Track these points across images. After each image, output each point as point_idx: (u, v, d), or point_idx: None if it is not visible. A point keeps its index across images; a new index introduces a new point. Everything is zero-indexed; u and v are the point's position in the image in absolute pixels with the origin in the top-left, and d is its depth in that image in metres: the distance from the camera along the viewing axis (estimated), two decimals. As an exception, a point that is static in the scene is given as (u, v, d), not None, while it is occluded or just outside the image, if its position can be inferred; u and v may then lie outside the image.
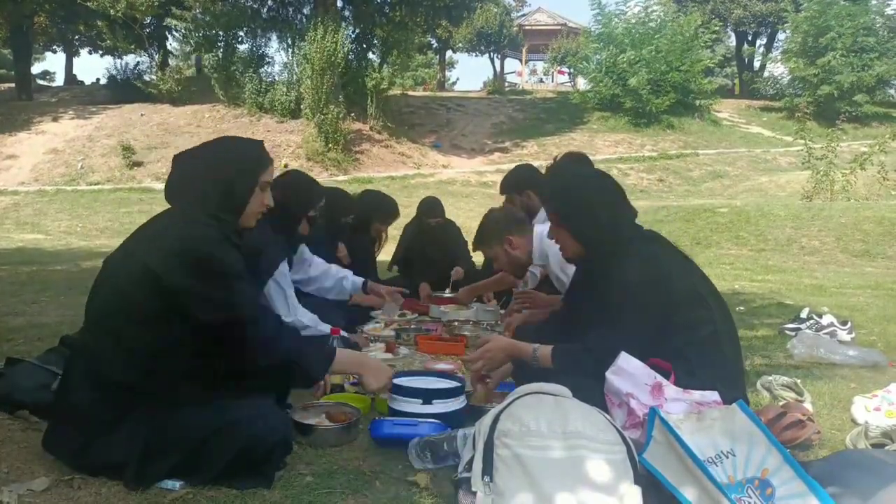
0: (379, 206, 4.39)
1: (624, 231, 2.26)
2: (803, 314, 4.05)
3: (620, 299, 2.14)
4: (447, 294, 4.56)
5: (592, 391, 2.00)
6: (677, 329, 2.13)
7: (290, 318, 2.92)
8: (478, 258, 5.23)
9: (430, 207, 5.02)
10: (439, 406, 2.29)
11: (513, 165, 4.55)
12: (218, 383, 1.92)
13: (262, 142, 2.14)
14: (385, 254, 4.81)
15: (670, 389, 1.99)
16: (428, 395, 2.30)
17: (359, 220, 4.17)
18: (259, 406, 1.94)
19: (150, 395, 1.86)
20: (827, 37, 21.15)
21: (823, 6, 21.40)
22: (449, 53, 37.81)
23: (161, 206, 2.08)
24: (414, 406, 2.29)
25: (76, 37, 29.18)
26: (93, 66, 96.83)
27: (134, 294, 1.86)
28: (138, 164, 17.00)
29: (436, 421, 2.20)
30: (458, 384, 2.44)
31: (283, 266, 2.97)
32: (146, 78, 21.83)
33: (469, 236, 5.35)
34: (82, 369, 1.92)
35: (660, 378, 2.00)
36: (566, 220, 2.36)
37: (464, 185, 16.40)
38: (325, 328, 2.96)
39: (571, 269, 2.68)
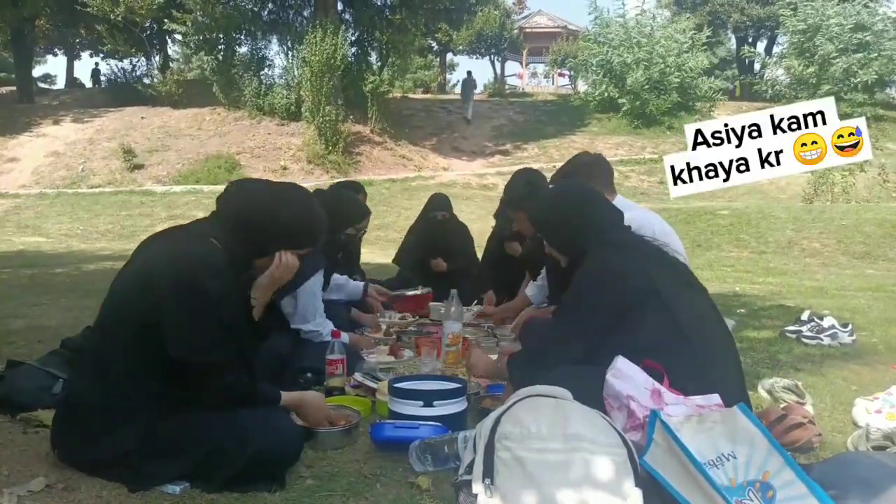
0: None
1: (591, 234, 2.33)
2: (804, 316, 4.05)
3: (573, 297, 2.28)
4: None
5: (593, 394, 2.00)
6: (632, 328, 2.12)
7: (310, 325, 3.10)
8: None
9: (435, 203, 5.15)
10: (440, 408, 2.28)
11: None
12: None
13: (326, 230, 2.17)
14: (385, 252, 4.81)
15: (669, 395, 1.98)
16: (429, 397, 2.30)
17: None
18: (271, 417, 1.95)
19: (156, 397, 1.87)
20: (820, 35, 21.06)
21: (816, 6, 21.34)
22: (449, 56, 37.81)
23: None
24: (415, 408, 2.28)
25: (77, 40, 29.21)
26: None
27: (130, 297, 1.90)
28: (139, 166, 17.03)
29: (436, 423, 2.19)
30: (459, 385, 2.44)
31: (315, 279, 3.09)
32: (145, 81, 21.88)
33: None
34: (91, 366, 1.93)
35: (657, 385, 2.00)
36: (545, 237, 2.52)
37: (464, 187, 16.39)
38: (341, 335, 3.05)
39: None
